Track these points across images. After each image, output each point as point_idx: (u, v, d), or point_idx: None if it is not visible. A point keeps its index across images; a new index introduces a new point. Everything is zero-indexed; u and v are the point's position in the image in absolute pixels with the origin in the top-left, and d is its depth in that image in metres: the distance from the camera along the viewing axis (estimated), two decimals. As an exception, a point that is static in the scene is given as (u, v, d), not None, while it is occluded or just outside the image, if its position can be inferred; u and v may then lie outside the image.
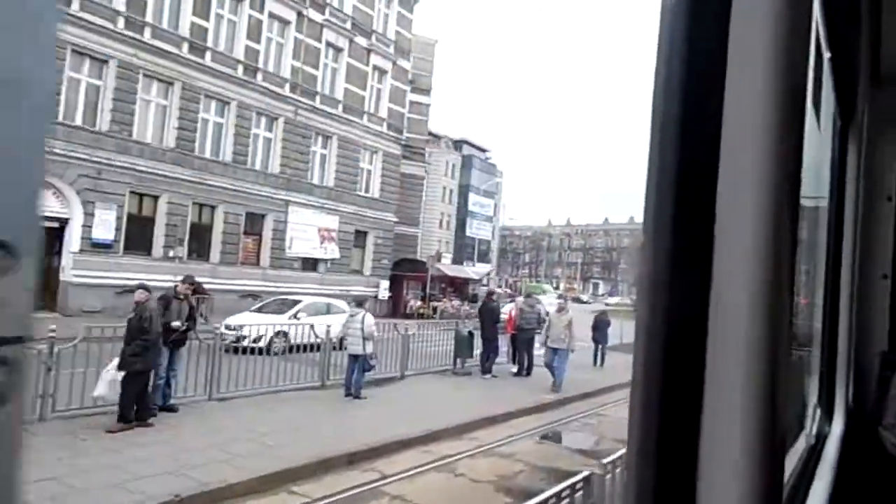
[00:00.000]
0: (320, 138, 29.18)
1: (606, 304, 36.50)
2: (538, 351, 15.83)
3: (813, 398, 2.02)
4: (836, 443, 1.92)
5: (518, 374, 14.89)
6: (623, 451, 4.34)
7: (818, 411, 2.01)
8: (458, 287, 35.30)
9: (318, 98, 28.50)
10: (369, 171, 31.83)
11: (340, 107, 29.68)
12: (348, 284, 30.28)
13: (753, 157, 0.55)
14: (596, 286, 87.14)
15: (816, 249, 1.99)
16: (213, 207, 24.86)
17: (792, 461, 1.42)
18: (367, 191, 31.69)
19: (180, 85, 23.26)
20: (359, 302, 11.26)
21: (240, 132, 25.50)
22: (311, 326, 12.27)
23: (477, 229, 70.33)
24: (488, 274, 41.69)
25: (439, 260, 49.45)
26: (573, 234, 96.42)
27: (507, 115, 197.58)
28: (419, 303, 32.43)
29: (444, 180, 68.17)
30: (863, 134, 2.11)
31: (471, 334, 15.03)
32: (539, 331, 14.85)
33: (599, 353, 18.75)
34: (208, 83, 24.13)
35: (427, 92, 38.07)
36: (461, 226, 69.30)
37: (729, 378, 0.55)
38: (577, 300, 65.79)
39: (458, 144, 71.21)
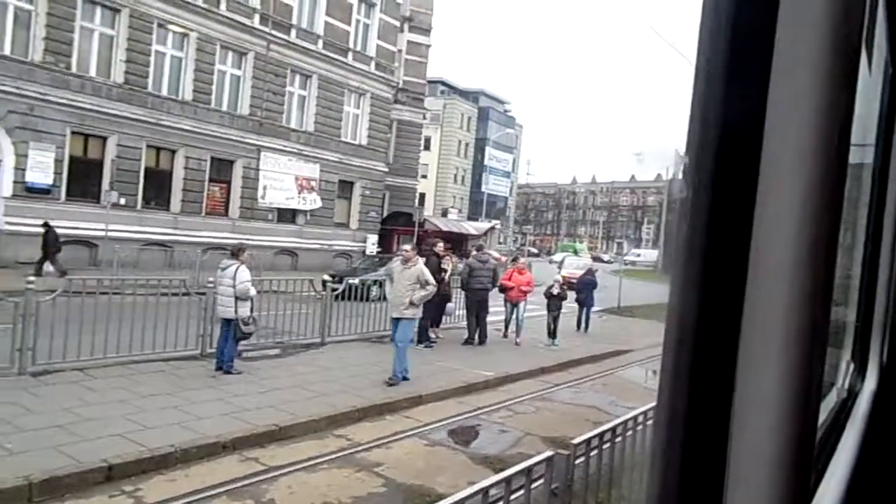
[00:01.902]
0: (298, 77, 26.59)
1: (625, 263, 33.76)
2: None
3: (847, 354, 2.00)
4: (867, 399, 1.90)
5: (468, 342, 12.52)
6: (589, 434, 3.54)
7: (851, 367, 1.99)
8: (455, 243, 32.76)
9: (293, 32, 25.80)
10: (355, 116, 29.20)
11: (320, 42, 26.95)
12: (332, 238, 28.17)
13: (800, 108, 0.52)
14: (620, 245, 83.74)
15: (860, 202, 1.93)
16: (172, 151, 22.67)
17: (822, 415, 1.35)
18: (353, 137, 29.12)
19: (128, 12, 20.80)
20: (233, 252, 8.90)
21: (202, 68, 23.07)
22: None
23: (494, 185, 67.47)
24: (491, 229, 38.89)
25: (445, 215, 46.95)
26: (598, 192, 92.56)
27: (530, 67, 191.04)
28: (410, 259, 30.07)
29: (459, 133, 65.21)
30: None
31: (411, 296, 12.62)
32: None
33: (584, 317, 16.27)
34: (162, 11, 21.61)
35: (426, 31, 34.90)
36: (477, 181, 66.52)
37: (765, 340, 0.53)
38: (598, 259, 62.93)
39: (474, 96, 67.80)
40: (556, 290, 13.72)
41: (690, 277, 0.56)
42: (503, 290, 13.35)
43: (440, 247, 13.15)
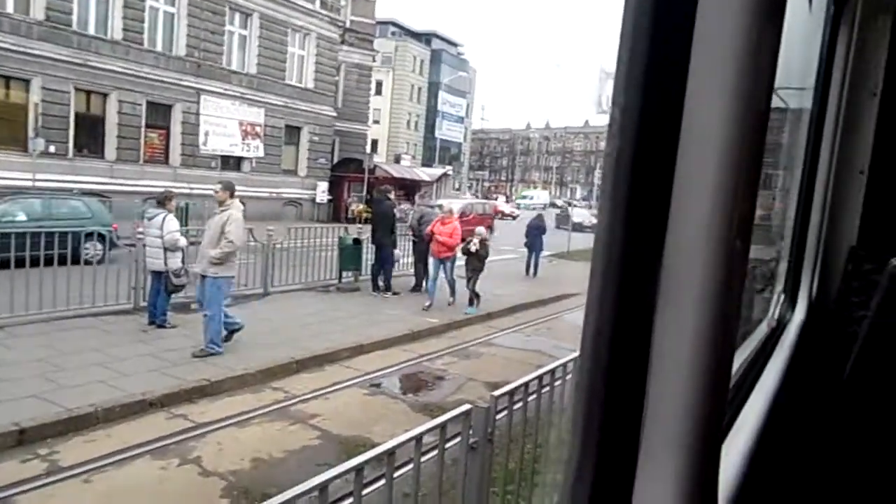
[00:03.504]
0: (237, 15, 25.22)
1: (517, 206, 34.13)
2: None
3: (779, 287, 2.09)
4: (795, 328, 2.00)
5: (415, 289, 12.39)
6: (511, 386, 3.39)
7: (782, 299, 2.07)
8: (408, 189, 32.32)
9: (230, -34, 24.30)
10: (301, 58, 28.01)
11: (261, -22, 25.49)
12: (280, 186, 27.41)
13: (723, 45, 0.51)
14: (573, 191, 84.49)
15: (797, 146, 2.05)
16: (104, 95, 21.38)
17: (752, 343, 1.59)
18: (298, 80, 28.01)
19: (44, -59, 19.12)
20: (159, 200, 8.44)
21: (131, 4, 21.57)
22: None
23: (448, 130, 66.59)
24: (444, 175, 38.48)
25: (398, 161, 46.21)
26: (552, 138, 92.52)
27: (482, 8, 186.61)
28: (362, 206, 29.55)
29: (411, 77, 63.65)
30: (855, 22, 2.08)
31: (357, 242, 12.37)
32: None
33: (533, 262, 16.34)
34: (83, -60, 19.97)
35: (375, -33, 33.42)
36: (430, 127, 65.47)
37: (681, 279, 0.53)
38: (552, 205, 63.45)
39: (427, 38, 65.97)
40: (473, 247, 11.15)
41: (614, 225, 0.55)
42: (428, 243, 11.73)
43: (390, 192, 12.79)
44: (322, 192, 28.99)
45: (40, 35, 19.26)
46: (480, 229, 11.95)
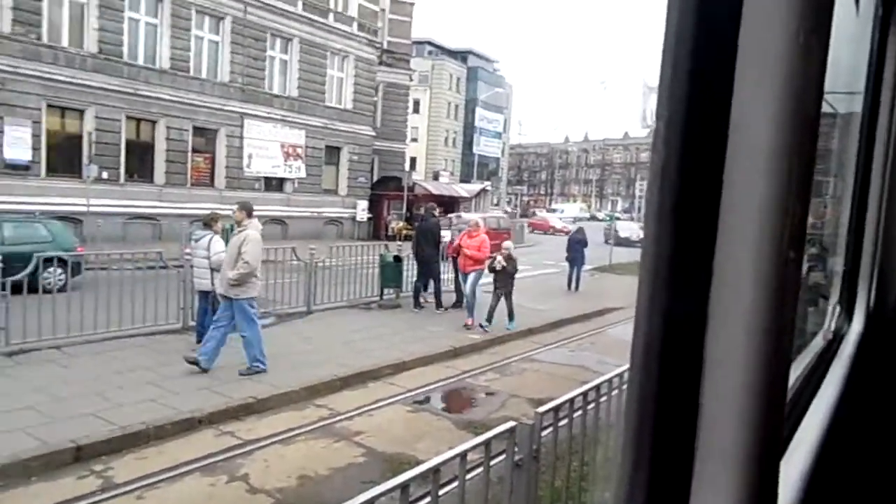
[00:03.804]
0: (278, 41, 25.89)
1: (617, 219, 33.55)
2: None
3: (835, 299, 2.02)
4: (853, 340, 1.94)
5: (456, 305, 12.36)
6: (557, 401, 3.36)
7: (838, 310, 2.01)
8: (447, 206, 32.41)
9: (271, -6, 25.01)
10: (340, 80, 28.56)
11: (300, 4, 26.16)
12: (321, 206, 27.85)
13: (769, 58, 0.50)
14: (614, 203, 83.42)
15: (849, 151, 1.97)
16: (152, 122, 22.17)
17: (809, 355, 1.55)
18: (338, 102, 28.54)
19: (98, -21, 20.05)
20: (205, 222, 8.68)
21: (178, 35, 22.39)
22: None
23: (485, 146, 66.72)
24: (483, 191, 38.48)
25: (436, 178, 46.46)
26: (591, 150, 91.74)
27: (518, 24, 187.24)
28: (402, 223, 29.77)
29: (448, 94, 64.17)
30: None
31: (398, 259, 12.45)
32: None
33: (574, 276, 16.16)
34: (133, -23, 20.88)
35: (410, -11, 33.94)
36: (468, 143, 65.72)
37: (734, 293, 0.52)
38: (593, 218, 62.82)
39: (462, 55, 66.51)
40: (498, 265, 10.74)
41: (662, 238, 0.54)
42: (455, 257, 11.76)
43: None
44: (362, 211, 29.34)
45: (94, 67, 20.14)
46: (508, 244, 11.57)
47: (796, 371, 1.42)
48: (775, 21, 0.49)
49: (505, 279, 10.81)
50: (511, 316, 10.84)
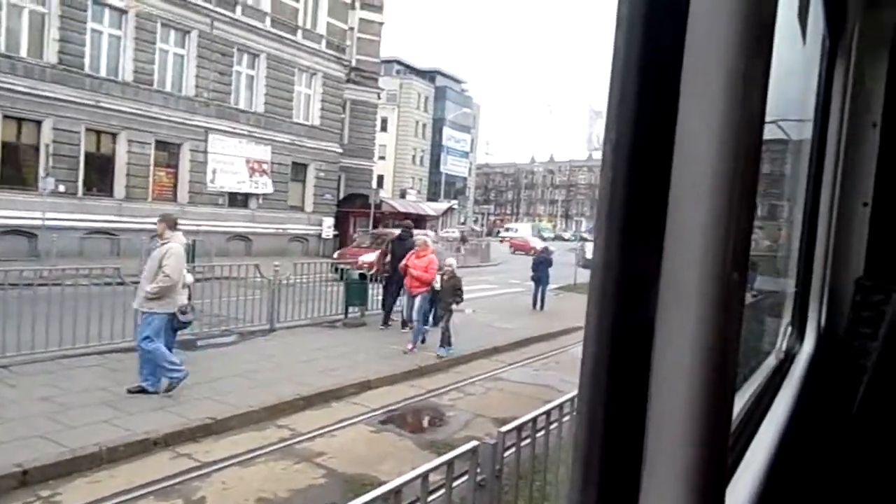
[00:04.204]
0: (245, 56, 25.74)
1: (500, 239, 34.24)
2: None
3: (787, 319, 2.08)
4: (804, 360, 1.98)
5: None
6: (522, 419, 3.43)
7: (790, 330, 2.07)
8: (414, 224, 32.39)
9: (238, 9, 24.89)
10: (307, 96, 28.48)
11: (268, 20, 26.09)
12: (286, 222, 27.59)
13: (711, 85, 0.51)
14: (578, 224, 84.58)
15: (798, 175, 2.07)
16: (113, 135, 21.73)
17: (760, 376, 1.60)
18: (305, 118, 28.42)
19: (59, -12, 19.68)
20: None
21: (142, 47, 22.06)
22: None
23: (452, 165, 67.14)
24: (449, 209, 38.65)
25: (403, 196, 46.51)
26: (556, 171, 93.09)
27: (485, 46, 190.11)
28: (368, 241, 29.62)
29: (416, 113, 64.51)
30: (851, 55, 2.10)
31: (363, 277, 12.38)
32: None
33: (539, 295, 16.28)
34: (97, -13, 20.55)
35: (379, 8, 34.14)
36: (436, 162, 66.02)
37: (680, 317, 0.53)
38: (559, 238, 63.61)
39: (430, 75, 67.06)
40: (437, 284, 10.24)
41: (610, 259, 0.55)
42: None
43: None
44: (328, 228, 29.12)
45: (53, 77, 19.67)
46: (451, 261, 10.89)
47: (748, 391, 1.45)
48: (718, 49, 0.50)
49: (447, 298, 10.13)
50: (446, 340, 10.06)
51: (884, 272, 2.20)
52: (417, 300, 10.49)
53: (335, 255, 21.65)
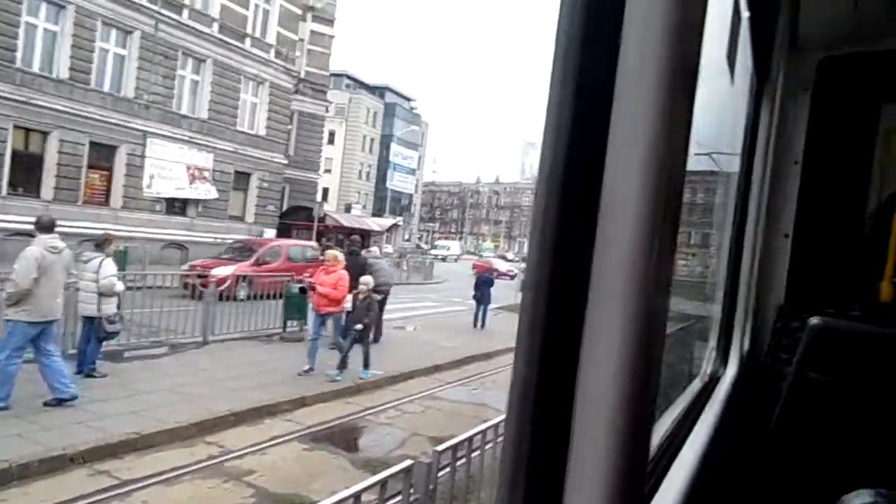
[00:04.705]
0: (190, 61, 25.09)
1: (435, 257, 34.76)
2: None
3: (713, 342, 2.17)
4: (727, 383, 2.04)
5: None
6: (458, 438, 3.37)
7: (714, 355, 2.15)
8: (360, 239, 32.13)
9: (185, 12, 24.30)
10: (253, 105, 27.97)
11: (216, 26, 25.58)
12: (226, 232, 26.77)
13: (637, 120, 0.53)
14: (521, 244, 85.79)
15: (728, 205, 2.16)
16: (44, 133, 20.71)
17: (686, 398, 1.68)
18: (250, 127, 27.86)
19: (-8, -22, 18.78)
20: (97, 243, 8.15)
21: (80, 45, 21.21)
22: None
23: (399, 182, 67.14)
24: (394, 226, 38.58)
25: (348, 211, 46.14)
26: (502, 192, 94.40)
27: (437, 66, 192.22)
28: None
29: (364, 128, 64.30)
30: (776, 97, 2.24)
31: (303, 290, 12.15)
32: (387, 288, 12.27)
33: (481, 314, 16.36)
34: (34, -20, 19.70)
35: (330, 22, 34.00)
36: (382, 178, 65.87)
37: (603, 342, 0.54)
38: (503, 258, 64.30)
39: (380, 91, 67.12)
40: (348, 304, 9.62)
41: (540, 283, 0.56)
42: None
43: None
44: (269, 239, 28.52)
45: (-21, 70, 18.68)
46: (366, 279, 9.89)
47: (674, 412, 1.49)
48: (644, 89, 0.52)
49: (361, 316, 9.36)
50: (366, 362, 9.49)
51: (803, 300, 2.30)
52: (330, 320, 9.67)
53: (185, 267, 17.24)
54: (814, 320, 1.95)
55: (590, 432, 0.53)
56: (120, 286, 8.00)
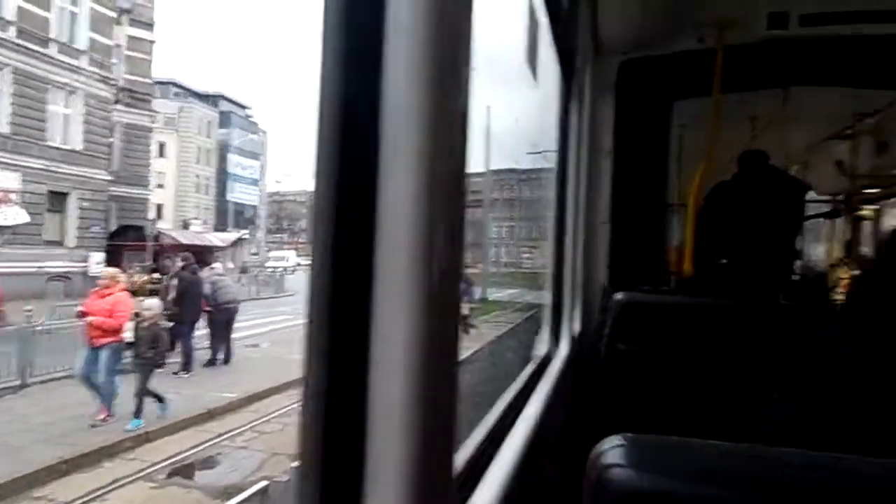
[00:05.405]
0: (-17, 70, 22.18)
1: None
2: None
3: (547, 326, 2.32)
4: (560, 361, 2.18)
5: (211, 363, 11.50)
6: None
7: (547, 337, 2.30)
8: (198, 257, 30.24)
9: (-29, 15, 21.44)
10: (65, 117, 25.32)
11: (12, 30, 22.81)
12: (41, 259, 24.02)
13: (413, 125, 0.52)
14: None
15: (545, 199, 2.37)
16: None
17: (522, 379, 1.82)
18: (63, 141, 25.19)
19: None
20: None
21: None
22: None
23: (241, 193, 64.18)
24: (239, 240, 36.87)
25: (187, 227, 43.33)
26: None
27: (271, 74, 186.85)
28: (145, 277, 26.97)
29: (198, 139, 60.64)
30: (585, 96, 2.42)
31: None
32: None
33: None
34: None
35: (149, 26, 31.67)
36: (222, 190, 62.57)
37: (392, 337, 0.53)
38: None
39: (213, 99, 63.74)
40: (129, 335, 8.00)
41: (323, 288, 0.54)
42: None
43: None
44: (96, 264, 25.89)
45: None
46: (151, 302, 8.91)
47: (507, 398, 1.58)
48: (412, 85, 0.52)
49: (142, 351, 7.98)
50: (139, 410, 7.83)
51: (622, 279, 2.57)
52: (103, 353, 7.88)
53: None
54: (618, 296, 2.22)
55: (385, 433, 0.52)
56: None
